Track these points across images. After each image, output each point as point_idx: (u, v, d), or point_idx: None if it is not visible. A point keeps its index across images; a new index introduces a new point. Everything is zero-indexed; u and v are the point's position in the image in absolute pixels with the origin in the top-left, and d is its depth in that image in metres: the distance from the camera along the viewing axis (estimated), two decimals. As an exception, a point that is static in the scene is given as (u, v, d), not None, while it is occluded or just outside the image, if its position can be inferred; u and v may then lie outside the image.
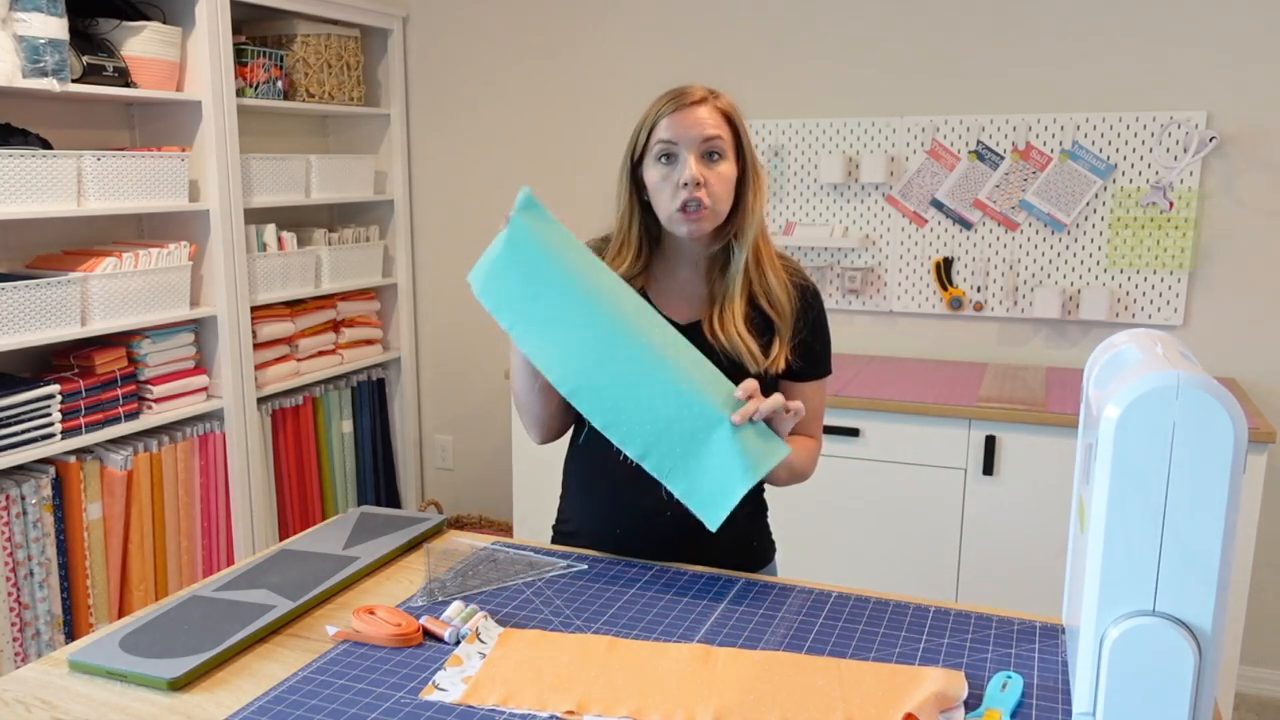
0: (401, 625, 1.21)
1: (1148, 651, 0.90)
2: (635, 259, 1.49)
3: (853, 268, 3.11)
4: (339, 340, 3.43)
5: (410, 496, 3.79)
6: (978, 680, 1.12)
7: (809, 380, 1.53)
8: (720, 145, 1.41)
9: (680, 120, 1.40)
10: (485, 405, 3.71)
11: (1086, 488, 1.02)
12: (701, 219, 1.42)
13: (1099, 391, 1.02)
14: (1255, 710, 2.79)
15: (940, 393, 2.60)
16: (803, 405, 1.36)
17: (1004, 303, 2.97)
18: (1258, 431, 2.24)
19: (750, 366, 1.45)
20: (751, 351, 1.45)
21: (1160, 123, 2.75)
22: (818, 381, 1.55)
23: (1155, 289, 2.83)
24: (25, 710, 1.07)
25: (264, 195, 3.05)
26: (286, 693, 1.09)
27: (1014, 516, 2.49)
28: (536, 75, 3.43)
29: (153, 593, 2.73)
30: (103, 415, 2.57)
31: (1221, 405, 0.87)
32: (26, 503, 2.41)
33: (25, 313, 2.37)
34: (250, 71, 2.99)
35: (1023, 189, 2.91)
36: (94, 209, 2.52)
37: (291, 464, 3.24)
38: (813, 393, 1.54)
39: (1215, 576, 0.89)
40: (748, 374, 1.45)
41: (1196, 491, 0.88)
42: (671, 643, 1.20)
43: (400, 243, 3.65)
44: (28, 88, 2.32)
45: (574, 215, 3.43)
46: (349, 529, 1.55)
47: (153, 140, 2.89)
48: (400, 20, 3.55)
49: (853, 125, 3.05)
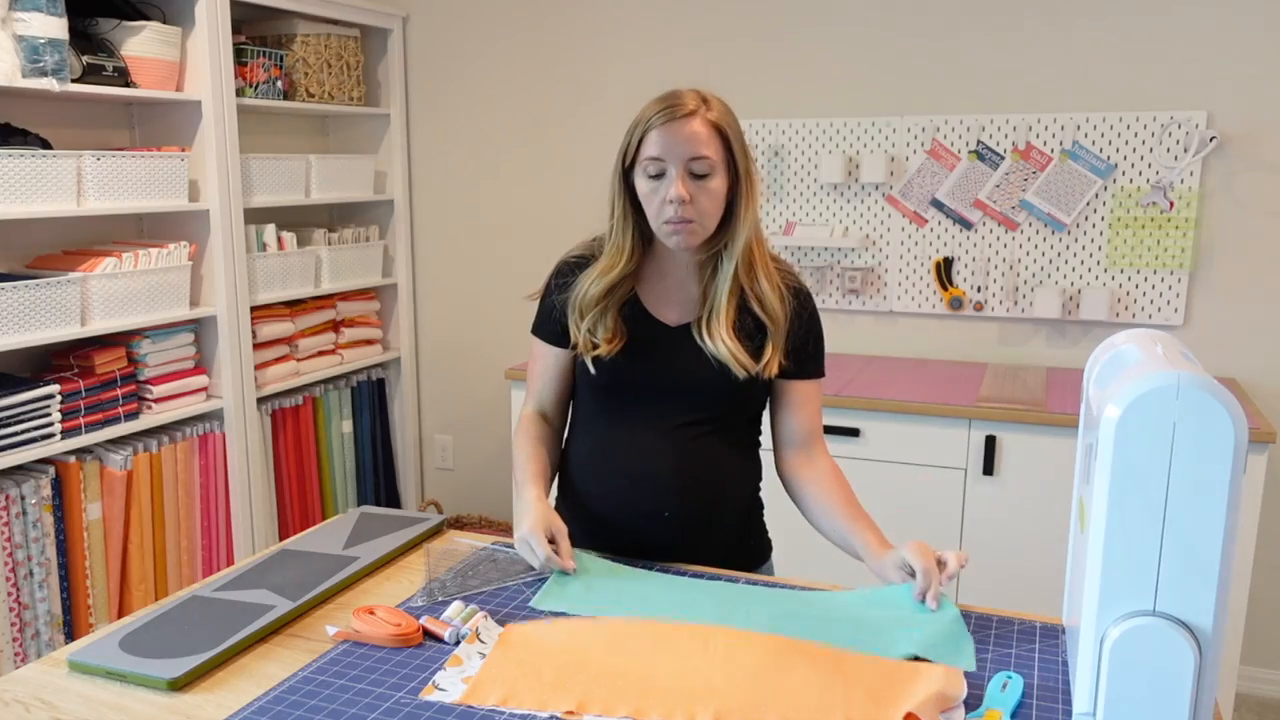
0: (401, 625, 1.21)
1: (1148, 651, 0.90)
2: (628, 260, 1.48)
3: (853, 268, 3.11)
4: (339, 340, 3.42)
5: (410, 496, 3.78)
6: (978, 680, 1.12)
7: (803, 379, 1.53)
8: (709, 164, 1.39)
9: (669, 135, 1.38)
10: (485, 405, 3.71)
11: (1086, 488, 1.02)
12: (689, 233, 1.41)
13: (1099, 391, 1.02)
14: (1255, 710, 2.79)
15: (940, 393, 2.60)
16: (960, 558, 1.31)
17: (1004, 303, 2.97)
18: (1258, 431, 2.24)
19: (738, 373, 1.44)
20: (738, 358, 1.44)
21: (1160, 123, 2.75)
22: (812, 381, 1.54)
23: (1155, 289, 2.83)
24: (25, 710, 1.07)
25: (264, 195, 3.04)
26: (286, 693, 1.09)
27: (1014, 516, 2.49)
28: (536, 75, 3.43)
29: (153, 593, 2.73)
30: (102, 415, 2.57)
31: (1221, 405, 0.87)
32: (26, 503, 2.40)
33: (25, 313, 2.37)
34: (250, 71, 2.99)
35: (1023, 189, 2.91)
36: (94, 209, 2.52)
37: (291, 464, 3.24)
38: (810, 393, 1.54)
39: (1215, 576, 0.89)
40: (735, 379, 1.45)
41: (1196, 492, 0.88)
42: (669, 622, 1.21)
43: (400, 243, 3.65)
44: (28, 88, 2.32)
45: (574, 215, 3.45)
46: (349, 529, 1.55)
47: (152, 140, 2.89)
48: (400, 20, 3.55)
49: (853, 125, 3.05)
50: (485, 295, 3.64)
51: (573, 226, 3.38)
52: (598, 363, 1.48)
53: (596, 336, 1.48)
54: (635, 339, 1.48)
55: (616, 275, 1.47)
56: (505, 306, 3.60)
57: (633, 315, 1.50)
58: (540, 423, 1.59)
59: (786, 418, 1.55)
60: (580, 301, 1.49)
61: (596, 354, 1.47)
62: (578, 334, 1.49)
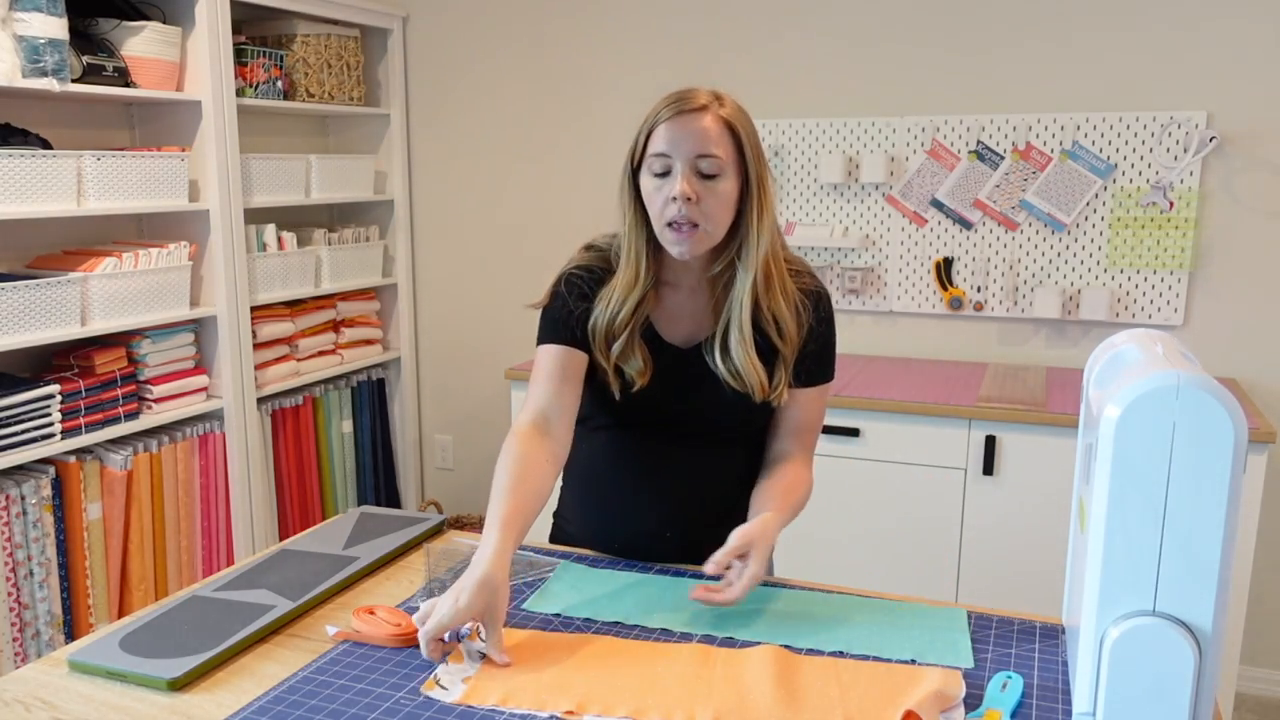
0: (401, 625, 1.21)
1: (1148, 651, 0.90)
2: (646, 271, 1.39)
3: (853, 268, 3.11)
4: (339, 340, 3.43)
5: (410, 496, 3.78)
6: (978, 680, 1.12)
7: (809, 386, 1.47)
8: (718, 164, 1.31)
9: (677, 130, 1.31)
10: (485, 405, 3.71)
11: (1086, 488, 1.02)
12: (693, 239, 1.33)
13: (1099, 391, 1.02)
14: (1255, 710, 2.79)
15: (940, 393, 2.60)
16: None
17: (1004, 303, 2.97)
18: (1258, 431, 2.24)
19: (757, 396, 1.39)
20: (761, 382, 1.38)
21: (1160, 123, 2.75)
22: (818, 388, 1.49)
23: (1155, 289, 2.83)
24: (25, 710, 1.07)
25: (264, 195, 3.04)
26: (286, 693, 1.09)
27: (1014, 516, 2.49)
28: (537, 75, 3.43)
29: (153, 593, 2.73)
30: (103, 415, 2.57)
31: (1221, 405, 0.87)
32: (26, 503, 2.40)
33: (25, 313, 2.37)
34: (250, 71, 2.99)
35: (1023, 189, 2.91)
36: (94, 209, 2.52)
37: (291, 464, 3.24)
38: (813, 400, 1.48)
39: (1215, 576, 0.89)
40: (752, 403, 1.40)
41: (1196, 491, 0.88)
42: (671, 643, 1.20)
43: (400, 243, 3.65)
44: (28, 88, 2.32)
45: (574, 214, 3.45)
46: (349, 529, 1.55)
47: (153, 140, 2.89)
48: (400, 20, 3.55)
49: (853, 125, 3.05)
50: (485, 295, 3.64)
51: (573, 226, 3.38)
52: (624, 393, 1.42)
53: (627, 367, 1.40)
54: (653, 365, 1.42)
55: (640, 293, 1.39)
56: (505, 306, 3.60)
57: (646, 339, 1.42)
58: (535, 442, 1.35)
59: (784, 413, 1.48)
60: (605, 328, 1.40)
61: (626, 386, 1.40)
62: (603, 359, 1.41)
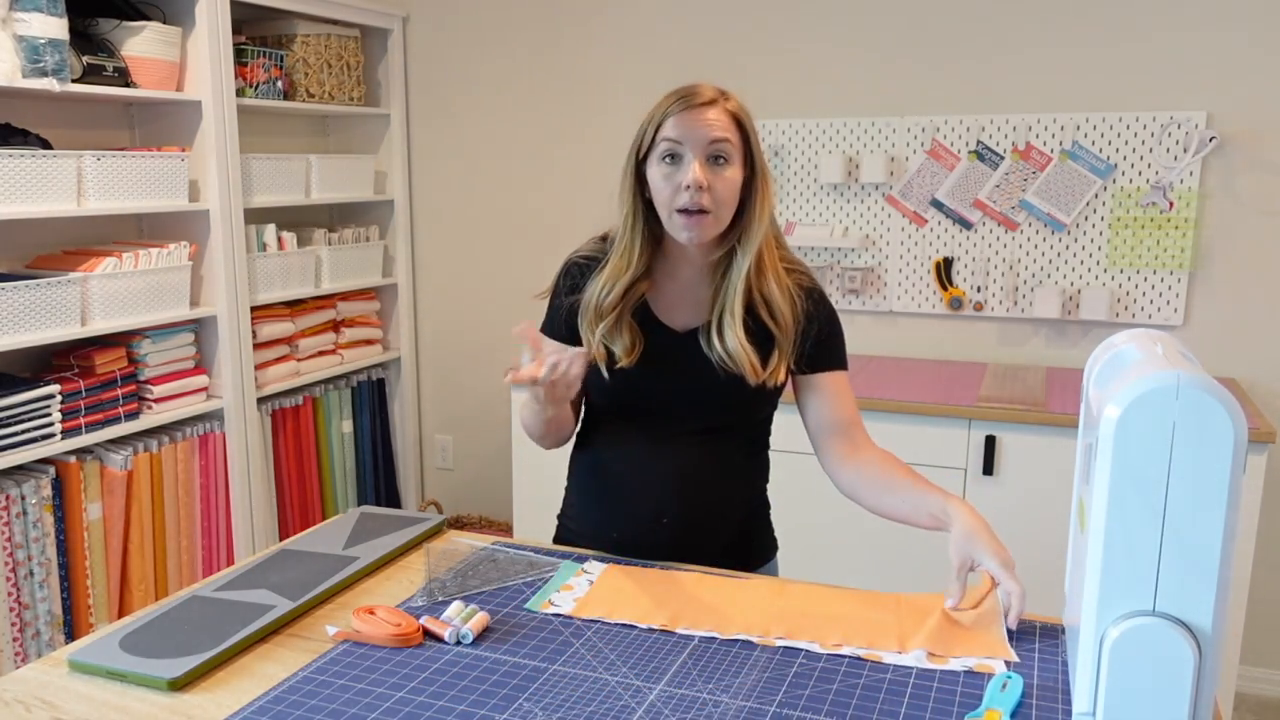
0: (401, 625, 1.21)
1: (1148, 651, 0.90)
2: (638, 260, 1.44)
3: (853, 268, 3.11)
4: (339, 340, 3.43)
5: (410, 496, 3.79)
6: (978, 680, 1.12)
7: (830, 370, 1.49)
8: (727, 149, 1.37)
9: (688, 120, 1.36)
10: (485, 405, 3.71)
11: (1086, 488, 1.02)
12: (703, 225, 1.38)
13: (1099, 391, 1.02)
14: (1255, 710, 2.79)
15: (940, 393, 2.60)
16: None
17: (1004, 303, 2.97)
18: (1258, 431, 2.24)
19: (750, 379, 1.42)
20: (752, 363, 1.41)
21: (1160, 123, 2.75)
22: (838, 373, 1.50)
23: (1155, 289, 2.83)
24: (25, 710, 1.07)
25: (264, 195, 3.04)
26: (286, 693, 1.09)
27: (1014, 516, 2.49)
28: (537, 75, 3.43)
29: (153, 593, 2.73)
30: (103, 415, 2.57)
31: (1221, 405, 0.87)
32: (26, 503, 2.40)
33: (25, 313, 2.37)
34: (250, 71, 2.99)
35: (1023, 189, 2.91)
36: (94, 209, 2.52)
37: (291, 464, 3.24)
38: (840, 391, 1.49)
39: (1215, 576, 0.89)
40: (746, 385, 1.43)
41: (1196, 491, 0.88)
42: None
43: (400, 243, 3.65)
44: (28, 88, 2.32)
45: (574, 214, 3.45)
46: (349, 529, 1.55)
47: (153, 140, 2.89)
48: (400, 20, 3.55)
49: (853, 125, 3.05)
50: (485, 295, 3.64)
51: (573, 225, 3.38)
52: (612, 371, 1.45)
53: (615, 346, 1.44)
54: (646, 347, 1.45)
55: (629, 279, 1.44)
56: (505, 306, 3.60)
57: (642, 320, 1.47)
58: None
59: (817, 411, 1.50)
60: (594, 308, 1.45)
61: (613, 364, 1.44)
62: (590, 341, 1.45)
